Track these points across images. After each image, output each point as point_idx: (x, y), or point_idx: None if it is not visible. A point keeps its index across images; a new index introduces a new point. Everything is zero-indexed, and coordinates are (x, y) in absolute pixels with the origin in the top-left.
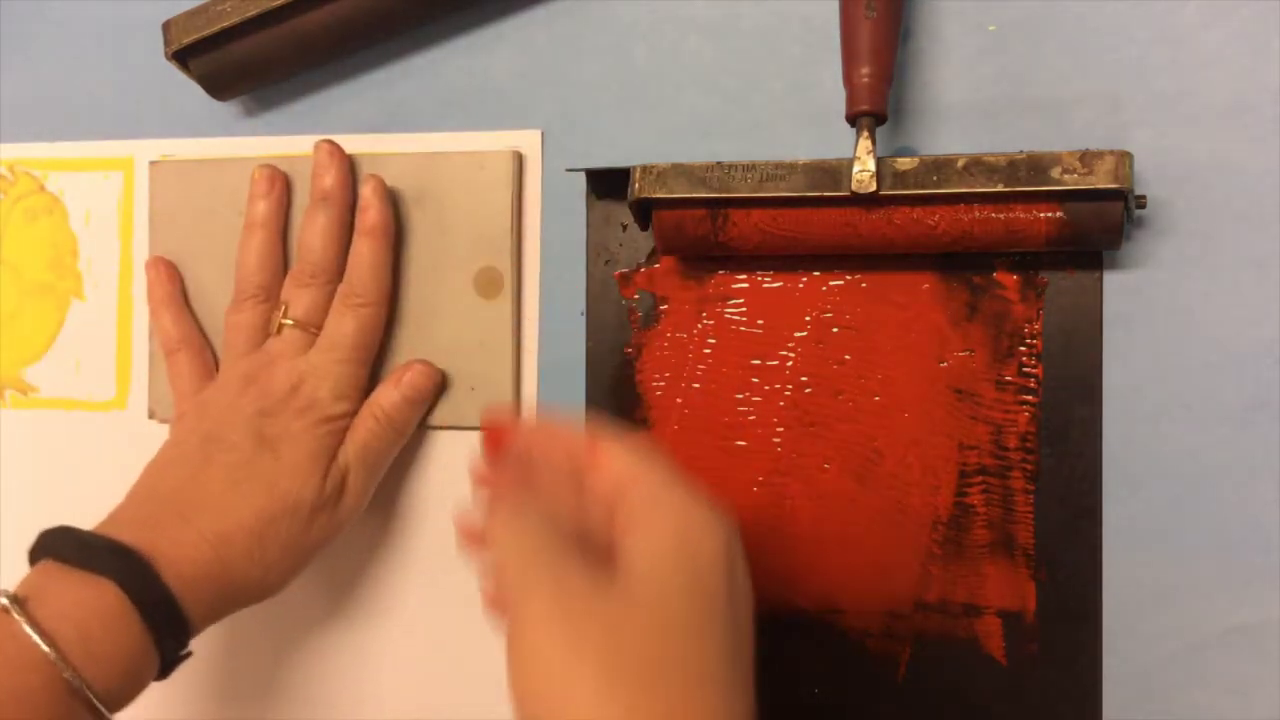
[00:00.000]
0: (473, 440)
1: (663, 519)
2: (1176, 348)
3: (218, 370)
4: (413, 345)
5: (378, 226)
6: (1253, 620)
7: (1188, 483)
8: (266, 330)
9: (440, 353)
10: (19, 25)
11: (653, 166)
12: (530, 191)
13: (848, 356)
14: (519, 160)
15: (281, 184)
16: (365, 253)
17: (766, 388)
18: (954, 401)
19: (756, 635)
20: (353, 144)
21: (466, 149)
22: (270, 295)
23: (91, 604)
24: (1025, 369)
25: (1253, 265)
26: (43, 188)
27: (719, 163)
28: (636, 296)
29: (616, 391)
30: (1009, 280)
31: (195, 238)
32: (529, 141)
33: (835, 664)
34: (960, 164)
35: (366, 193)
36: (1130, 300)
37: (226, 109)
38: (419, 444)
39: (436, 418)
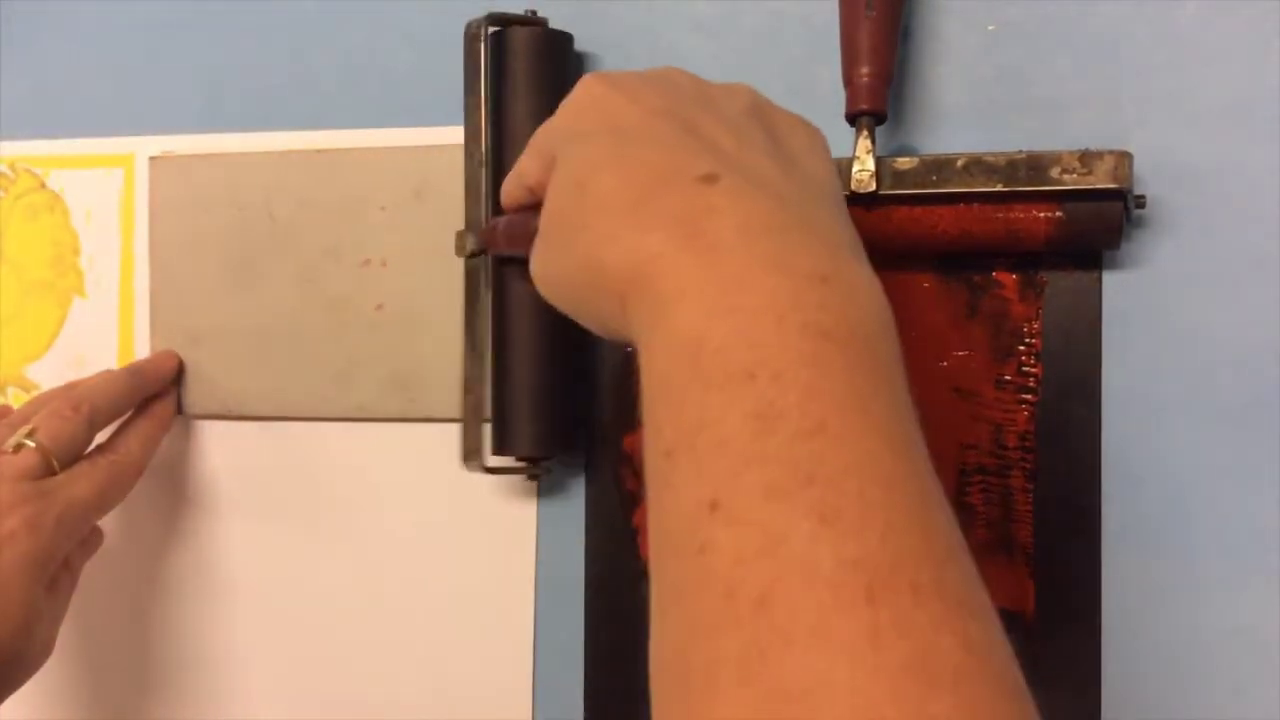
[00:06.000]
0: None
1: None
2: (1176, 348)
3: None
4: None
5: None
6: (1253, 620)
7: (1188, 483)
8: None
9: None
10: (20, 23)
11: None
12: None
13: None
14: None
15: None
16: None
17: None
18: (954, 401)
19: None
20: (354, 138)
21: None
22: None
23: None
24: (1025, 368)
25: (1253, 265)
26: (44, 185)
27: None
28: None
29: (617, 391)
30: (1008, 280)
31: (196, 234)
32: None
33: None
34: (960, 164)
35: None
36: (1130, 300)
37: (227, 105)
38: (419, 441)
39: (437, 412)
